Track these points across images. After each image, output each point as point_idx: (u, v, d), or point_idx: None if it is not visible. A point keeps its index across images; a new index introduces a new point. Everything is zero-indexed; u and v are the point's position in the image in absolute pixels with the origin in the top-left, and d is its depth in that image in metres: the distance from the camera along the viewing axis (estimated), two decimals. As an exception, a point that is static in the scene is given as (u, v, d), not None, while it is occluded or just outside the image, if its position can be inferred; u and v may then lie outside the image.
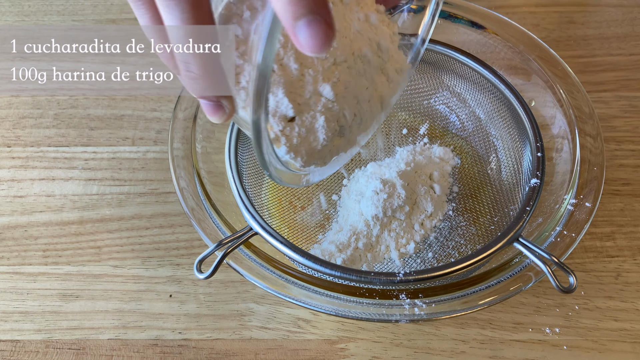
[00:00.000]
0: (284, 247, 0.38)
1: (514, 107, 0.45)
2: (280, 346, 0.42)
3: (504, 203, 0.46)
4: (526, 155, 0.44)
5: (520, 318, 0.43)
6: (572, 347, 0.42)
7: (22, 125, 0.54)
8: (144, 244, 0.47)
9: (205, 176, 0.43)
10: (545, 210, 0.41)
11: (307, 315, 0.43)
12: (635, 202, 0.48)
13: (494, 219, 0.45)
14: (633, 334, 0.42)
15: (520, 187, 0.44)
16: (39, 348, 0.42)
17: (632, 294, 0.44)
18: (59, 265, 0.46)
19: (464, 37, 0.50)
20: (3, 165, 0.52)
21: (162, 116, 0.55)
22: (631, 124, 0.53)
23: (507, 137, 0.48)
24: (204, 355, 0.42)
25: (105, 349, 0.42)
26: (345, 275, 0.36)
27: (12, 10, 0.63)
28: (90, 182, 0.51)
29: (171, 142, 0.44)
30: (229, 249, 0.37)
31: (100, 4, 0.63)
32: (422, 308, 0.36)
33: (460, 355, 0.42)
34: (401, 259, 0.43)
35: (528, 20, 0.62)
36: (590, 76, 0.57)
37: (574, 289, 0.35)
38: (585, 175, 0.42)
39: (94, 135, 0.54)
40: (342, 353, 0.42)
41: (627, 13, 0.62)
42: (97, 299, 0.44)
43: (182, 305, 0.44)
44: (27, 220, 0.49)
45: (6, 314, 0.44)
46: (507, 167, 0.47)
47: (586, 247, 0.46)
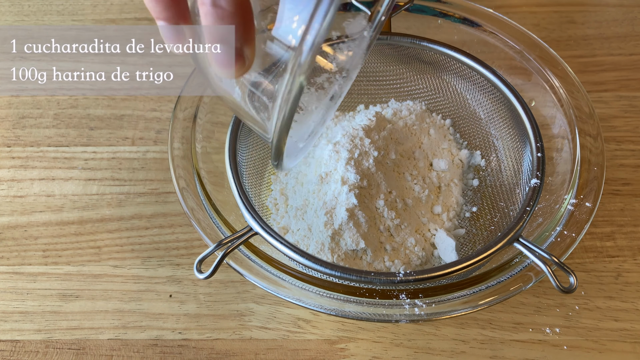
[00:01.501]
0: (284, 247, 0.38)
1: (514, 107, 0.45)
2: (280, 346, 0.42)
3: (504, 203, 0.46)
4: (526, 155, 0.44)
5: (520, 318, 0.43)
6: (572, 347, 0.42)
7: (22, 125, 0.54)
8: (143, 244, 0.47)
9: (205, 176, 0.43)
10: (545, 210, 0.41)
11: (307, 315, 0.43)
12: (635, 202, 0.48)
13: (494, 219, 0.45)
14: (633, 334, 0.42)
15: (520, 188, 0.44)
16: (39, 348, 0.42)
17: (633, 294, 0.44)
18: (59, 265, 0.46)
19: (464, 37, 0.50)
20: (3, 165, 0.52)
21: (162, 116, 0.55)
22: (631, 124, 0.53)
23: (507, 137, 0.48)
24: (204, 355, 0.42)
25: (105, 349, 0.42)
26: (345, 275, 0.36)
27: (12, 10, 0.63)
28: (90, 182, 0.51)
29: (171, 142, 0.44)
30: (228, 249, 0.37)
31: (100, 4, 0.63)
32: (422, 308, 0.36)
33: (460, 355, 0.42)
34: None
35: (528, 20, 0.62)
36: (590, 76, 0.57)
37: (574, 289, 0.35)
38: (585, 175, 0.42)
39: (94, 135, 0.54)
40: (342, 353, 0.42)
41: (627, 13, 0.62)
42: (97, 299, 0.44)
43: (182, 305, 0.44)
44: (27, 220, 0.49)
45: (6, 314, 0.44)
46: (507, 167, 0.47)
47: (586, 247, 0.46)
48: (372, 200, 0.43)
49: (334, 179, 0.43)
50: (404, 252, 0.43)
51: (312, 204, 0.43)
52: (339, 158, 0.43)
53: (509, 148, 0.47)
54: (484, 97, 0.49)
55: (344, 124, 0.49)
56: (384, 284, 0.36)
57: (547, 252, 0.36)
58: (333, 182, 0.42)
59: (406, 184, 0.45)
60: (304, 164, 0.47)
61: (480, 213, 0.47)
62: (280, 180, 0.48)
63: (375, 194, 0.43)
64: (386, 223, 0.43)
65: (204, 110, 0.46)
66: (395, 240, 0.43)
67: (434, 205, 0.46)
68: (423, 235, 0.44)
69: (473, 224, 0.46)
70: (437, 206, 0.46)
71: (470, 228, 0.46)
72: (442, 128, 0.51)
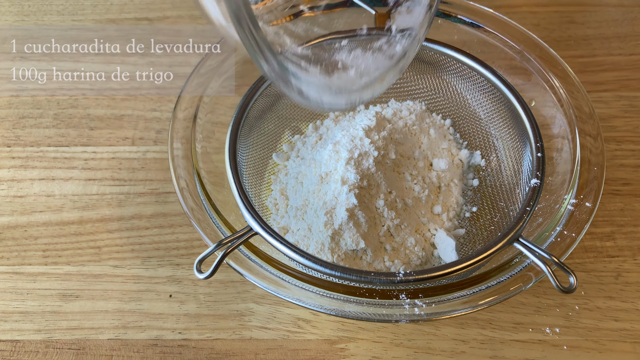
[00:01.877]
0: (284, 247, 0.38)
1: (514, 107, 0.45)
2: (280, 346, 0.42)
3: (504, 203, 0.46)
4: (526, 155, 0.44)
5: (520, 318, 0.43)
6: (572, 347, 0.42)
7: (22, 125, 0.54)
8: (143, 244, 0.47)
9: (205, 176, 0.43)
10: (545, 210, 0.41)
11: (307, 315, 0.43)
12: (635, 202, 0.48)
13: (494, 219, 0.45)
14: (633, 334, 0.42)
15: (520, 188, 0.44)
16: (39, 348, 0.42)
17: (633, 294, 0.44)
18: (59, 265, 0.46)
19: (464, 37, 0.50)
20: (3, 165, 0.52)
21: (162, 116, 0.55)
22: (631, 124, 0.53)
23: (507, 137, 0.48)
24: (204, 355, 0.42)
25: (105, 349, 0.42)
26: (345, 275, 0.36)
27: (12, 10, 0.63)
28: (90, 182, 0.51)
29: (171, 142, 0.44)
30: (229, 249, 0.37)
31: (100, 4, 0.63)
32: (422, 308, 0.36)
33: (460, 355, 0.42)
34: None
35: (528, 20, 0.62)
36: (590, 76, 0.57)
37: (574, 289, 0.35)
38: (585, 175, 0.42)
39: (94, 135, 0.54)
40: (342, 353, 0.42)
41: (627, 13, 0.62)
42: (97, 299, 0.44)
43: (182, 305, 0.44)
44: (27, 220, 0.49)
45: (6, 314, 0.44)
46: (507, 167, 0.47)
47: (586, 247, 0.46)
48: (372, 200, 0.43)
49: (334, 179, 0.43)
50: (404, 252, 0.43)
51: (312, 204, 0.43)
52: (338, 158, 0.43)
53: (509, 148, 0.47)
54: (484, 97, 0.49)
55: (343, 123, 0.50)
56: (384, 284, 0.36)
57: (547, 252, 0.36)
58: (333, 182, 0.42)
59: (406, 184, 0.45)
60: (303, 164, 0.47)
61: (480, 213, 0.47)
62: (280, 180, 0.48)
63: (375, 194, 0.43)
64: (386, 223, 0.43)
65: (204, 110, 0.46)
66: (395, 240, 0.43)
67: (434, 205, 0.46)
68: (423, 235, 0.44)
69: (473, 224, 0.46)
70: (437, 206, 0.46)
71: (470, 228, 0.46)
72: (442, 128, 0.51)
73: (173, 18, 0.62)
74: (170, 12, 0.62)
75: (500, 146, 0.48)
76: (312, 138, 0.50)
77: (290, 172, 0.48)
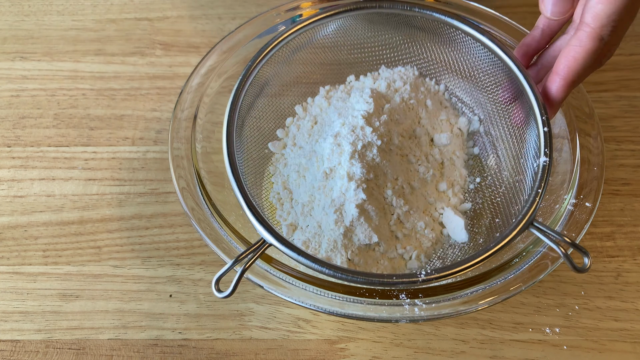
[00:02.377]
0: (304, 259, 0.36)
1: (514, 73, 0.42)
2: (280, 346, 0.42)
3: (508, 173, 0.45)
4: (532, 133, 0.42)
5: (520, 318, 0.43)
6: (572, 347, 0.42)
7: (22, 125, 0.54)
8: (143, 244, 0.47)
9: (205, 176, 0.43)
10: (545, 210, 0.41)
11: (307, 315, 0.43)
12: (635, 202, 0.48)
13: (500, 190, 0.45)
14: (633, 334, 0.42)
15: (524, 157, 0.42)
16: (39, 348, 0.42)
17: (632, 294, 0.44)
18: (59, 265, 0.46)
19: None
20: (3, 165, 0.52)
21: (162, 116, 0.55)
22: (631, 124, 0.53)
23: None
24: (204, 355, 0.42)
25: (105, 349, 0.42)
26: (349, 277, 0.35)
27: (12, 10, 0.63)
28: (90, 182, 0.51)
29: (171, 142, 0.44)
30: (247, 265, 0.35)
31: (100, 4, 0.63)
32: (422, 308, 0.36)
33: (460, 355, 0.42)
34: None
35: (528, 20, 0.62)
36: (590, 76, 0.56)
37: (587, 268, 0.35)
38: (585, 175, 0.42)
39: (94, 135, 0.54)
40: (342, 353, 0.42)
41: (627, 13, 0.62)
42: (97, 299, 0.44)
43: (182, 305, 0.44)
44: (27, 220, 0.49)
45: (6, 314, 0.44)
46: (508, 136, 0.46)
47: (586, 247, 0.46)
48: (379, 191, 0.42)
49: (339, 175, 0.42)
50: (415, 237, 0.43)
51: (319, 200, 0.42)
52: (341, 152, 0.42)
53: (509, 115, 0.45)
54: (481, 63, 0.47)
55: (338, 104, 0.48)
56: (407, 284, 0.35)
57: (561, 234, 0.36)
58: (339, 178, 0.42)
59: (410, 167, 0.45)
60: (303, 155, 0.46)
61: (484, 184, 0.46)
62: (280, 171, 0.47)
63: (382, 183, 0.42)
64: (395, 212, 0.42)
65: (204, 110, 0.46)
66: (406, 227, 0.43)
67: (438, 182, 0.46)
68: (431, 216, 0.44)
69: (479, 195, 0.46)
70: (441, 183, 0.45)
71: (476, 200, 0.45)
72: (437, 94, 0.50)
73: (173, 18, 0.62)
74: (170, 12, 0.62)
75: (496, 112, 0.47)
76: (307, 122, 0.49)
77: (290, 163, 0.47)
